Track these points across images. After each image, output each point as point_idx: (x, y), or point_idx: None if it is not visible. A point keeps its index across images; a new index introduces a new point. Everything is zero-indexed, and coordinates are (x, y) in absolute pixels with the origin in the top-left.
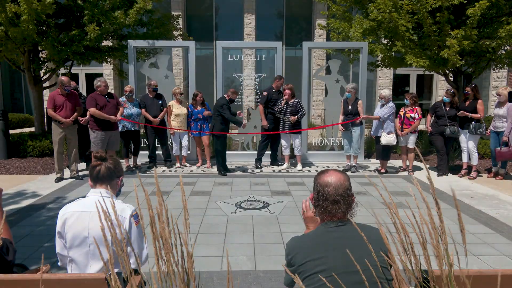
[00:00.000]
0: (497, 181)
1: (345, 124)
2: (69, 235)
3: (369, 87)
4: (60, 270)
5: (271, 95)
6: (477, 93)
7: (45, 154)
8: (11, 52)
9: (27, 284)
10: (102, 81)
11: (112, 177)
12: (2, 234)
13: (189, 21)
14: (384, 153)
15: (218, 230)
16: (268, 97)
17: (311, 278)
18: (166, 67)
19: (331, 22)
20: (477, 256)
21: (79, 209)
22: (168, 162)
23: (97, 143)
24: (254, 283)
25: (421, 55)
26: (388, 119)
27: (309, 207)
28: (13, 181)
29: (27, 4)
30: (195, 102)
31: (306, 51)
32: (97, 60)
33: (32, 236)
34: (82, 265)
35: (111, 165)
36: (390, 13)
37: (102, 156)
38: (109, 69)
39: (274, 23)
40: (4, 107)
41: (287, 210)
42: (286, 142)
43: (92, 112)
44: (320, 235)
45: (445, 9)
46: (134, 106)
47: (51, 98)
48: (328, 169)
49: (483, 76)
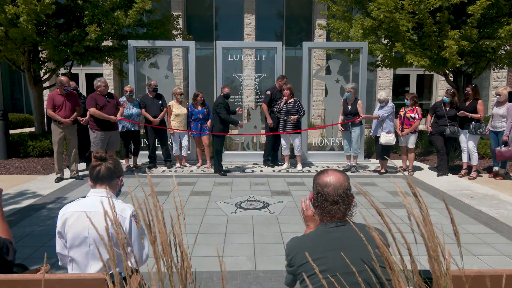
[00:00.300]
0: (497, 181)
1: (344, 124)
2: (69, 235)
3: (369, 87)
4: (59, 270)
5: (274, 95)
6: (477, 93)
7: (45, 154)
8: (11, 52)
9: (27, 284)
10: (102, 81)
11: (112, 177)
12: (2, 234)
13: (189, 21)
14: (383, 153)
15: (218, 230)
16: (272, 96)
17: (311, 278)
18: (166, 67)
19: (331, 22)
20: (477, 256)
21: (79, 209)
22: (168, 162)
23: (97, 143)
24: (254, 283)
25: (421, 54)
26: (388, 118)
27: (309, 206)
28: (13, 181)
29: (26, 4)
30: (196, 102)
31: (306, 51)
32: (97, 60)
33: (32, 236)
34: (82, 265)
35: (111, 165)
36: (391, 13)
37: (102, 156)
38: (109, 69)
39: (274, 23)
40: (4, 107)
41: (287, 210)
42: (286, 142)
43: (92, 112)
44: (320, 236)
45: (445, 9)
46: (134, 106)
47: (51, 98)
48: (328, 169)
49: (483, 76)
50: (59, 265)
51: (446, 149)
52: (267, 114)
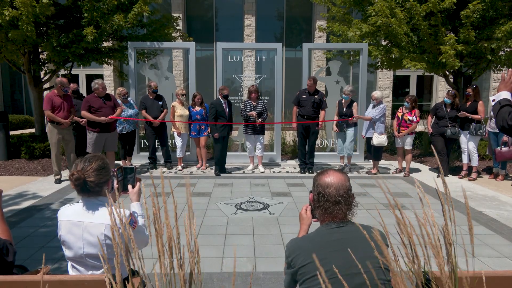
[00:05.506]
0: (497, 182)
1: (339, 125)
2: (66, 243)
3: (369, 88)
4: (57, 271)
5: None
6: (477, 94)
7: (45, 155)
8: (12, 54)
9: (28, 285)
10: (100, 83)
11: (99, 187)
12: (2, 235)
13: (189, 22)
14: (375, 153)
15: (218, 231)
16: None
17: (312, 280)
18: (166, 69)
19: (329, 25)
20: (478, 258)
21: (73, 219)
22: (168, 163)
23: (92, 144)
24: (254, 285)
25: (419, 58)
26: (379, 120)
27: (310, 215)
28: (13, 182)
29: (24, 6)
30: (194, 103)
31: (306, 52)
32: (97, 61)
33: (33, 237)
34: (83, 272)
35: (93, 178)
36: (388, 18)
37: (78, 177)
38: (109, 70)
39: (274, 24)
40: (4, 108)
41: (287, 211)
42: (250, 143)
43: (83, 115)
44: (321, 236)
45: (438, 13)
46: (129, 108)
47: (49, 99)
48: (328, 170)
49: (483, 78)
50: (59, 266)
51: (447, 150)
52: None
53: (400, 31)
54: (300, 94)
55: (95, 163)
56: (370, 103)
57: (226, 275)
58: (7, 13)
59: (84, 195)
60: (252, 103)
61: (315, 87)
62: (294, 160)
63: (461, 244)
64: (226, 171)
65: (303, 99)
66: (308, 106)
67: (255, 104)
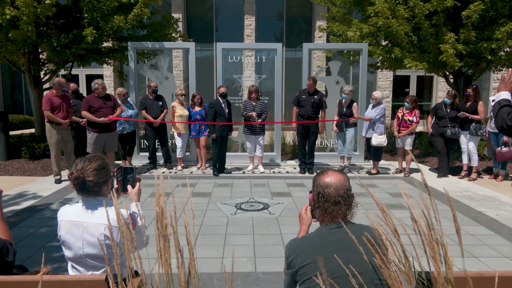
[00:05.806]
0: (497, 183)
1: (339, 125)
2: (66, 244)
3: (369, 89)
4: (57, 270)
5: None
6: (477, 95)
7: (45, 155)
8: (12, 54)
9: (27, 285)
10: (99, 83)
11: (99, 187)
12: (2, 235)
13: (189, 23)
14: (375, 154)
15: (218, 232)
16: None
17: (312, 280)
18: (166, 69)
19: (329, 25)
20: (478, 258)
21: (72, 219)
22: (168, 163)
23: (92, 144)
24: (254, 285)
25: (420, 58)
26: (379, 120)
27: (310, 215)
28: (14, 183)
29: (26, 7)
30: (193, 103)
31: (306, 53)
32: (97, 62)
33: (32, 237)
34: (83, 273)
35: (92, 178)
36: (388, 19)
37: (77, 177)
38: (110, 71)
39: (274, 24)
40: (4, 108)
41: (287, 212)
42: (251, 144)
43: (83, 115)
44: (321, 237)
45: (440, 12)
46: (129, 108)
47: (48, 100)
48: (328, 170)
49: (483, 78)
50: (59, 266)
51: (447, 150)
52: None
53: (400, 31)
54: (300, 94)
55: (94, 163)
56: (370, 103)
57: (226, 275)
58: (8, 12)
59: (83, 195)
60: (252, 103)
61: (315, 87)
62: (294, 160)
63: (460, 244)
64: (225, 171)
65: (303, 99)
66: (307, 106)
67: (255, 104)
